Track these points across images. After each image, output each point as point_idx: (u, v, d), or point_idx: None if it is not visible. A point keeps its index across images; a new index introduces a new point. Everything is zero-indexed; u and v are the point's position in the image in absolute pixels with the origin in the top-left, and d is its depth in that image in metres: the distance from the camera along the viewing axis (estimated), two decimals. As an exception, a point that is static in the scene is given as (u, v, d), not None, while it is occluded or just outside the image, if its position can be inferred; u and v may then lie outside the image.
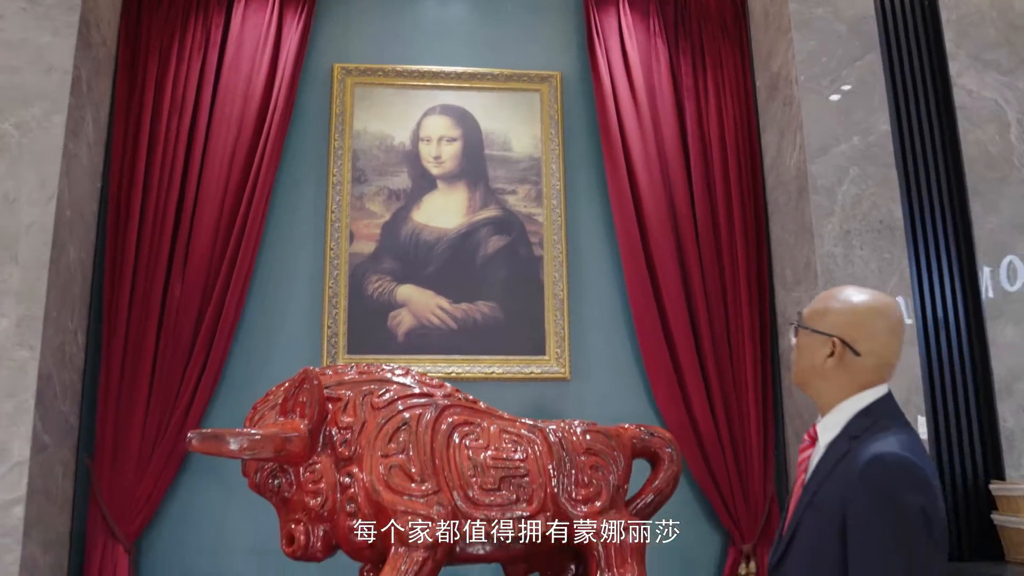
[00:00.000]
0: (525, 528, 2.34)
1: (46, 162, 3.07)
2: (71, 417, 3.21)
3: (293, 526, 2.40)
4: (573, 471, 2.43)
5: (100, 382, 3.28)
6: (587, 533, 2.36)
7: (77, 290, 3.26)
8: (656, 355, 3.56)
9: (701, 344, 3.56)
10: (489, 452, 2.38)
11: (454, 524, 2.28)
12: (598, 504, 2.40)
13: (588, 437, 2.49)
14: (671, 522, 3.23)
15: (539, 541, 2.39)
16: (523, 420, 2.54)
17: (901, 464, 1.40)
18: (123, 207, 3.42)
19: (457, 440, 2.40)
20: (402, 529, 2.22)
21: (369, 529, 2.29)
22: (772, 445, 3.55)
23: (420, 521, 2.22)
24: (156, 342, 3.34)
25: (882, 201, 3.34)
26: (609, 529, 2.36)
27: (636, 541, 2.37)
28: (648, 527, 2.47)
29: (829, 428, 1.55)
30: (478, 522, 2.31)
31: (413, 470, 2.31)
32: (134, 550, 3.24)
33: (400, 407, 2.42)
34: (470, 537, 2.32)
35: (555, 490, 2.39)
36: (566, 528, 2.39)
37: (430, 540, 2.22)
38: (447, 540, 2.26)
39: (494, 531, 2.32)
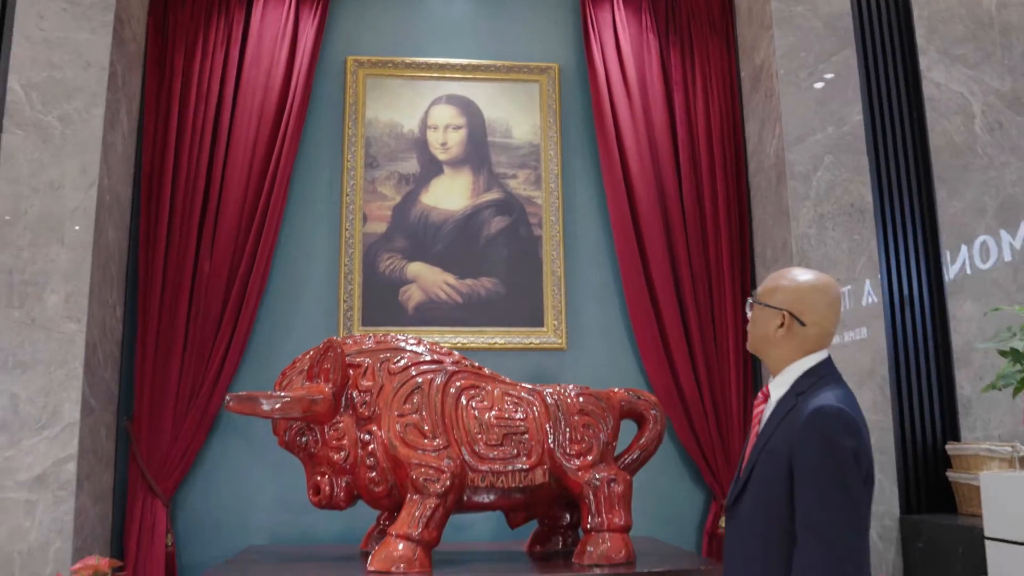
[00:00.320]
0: (525, 479, 2.67)
1: (87, 152, 3.35)
2: (112, 384, 3.52)
3: (319, 478, 2.73)
4: (567, 429, 2.74)
5: (137, 352, 3.60)
6: (580, 483, 2.68)
7: (115, 268, 3.56)
8: (645, 327, 3.86)
9: (687, 316, 3.87)
10: (493, 412, 2.70)
11: (462, 475, 2.60)
12: (589, 458, 2.72)
13: (581, 400, 2.81)
14: (657, 476, 3.58)
15: (537, 491, 2.71)
16: (523, 384, 2.86)
17: (838, 414, 1.71)
18: (155, 191, 3.71)
19: (464, 402, 2.72)
20: (417, 479, 2.54)
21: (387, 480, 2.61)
22: (751, 408, 3.86)
23: (432, 472, 2.55)
24: (187, 314, 3.64)
25: (853, 186, 3.62)
26: (599, 480, 2.68)
27: (622, 490, 2.69)
28: (633, 479, 2.79)
29: (779, 386, 1.86)
30: (483, 474, 2.63)
31: (426, 428, 2.63)
32: (170, 504, 3.58)
33: (413, 372, 2.74)
34: (476, 487, 2.64)
35: (551, 446, 2.71)
36: (561, 479, 2.71)
37: (441, 489, 2.54)
38: (456, 489, 2.59)
39: (497, 482, 2.64)
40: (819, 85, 3.71)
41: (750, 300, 1.95)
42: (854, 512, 1.65)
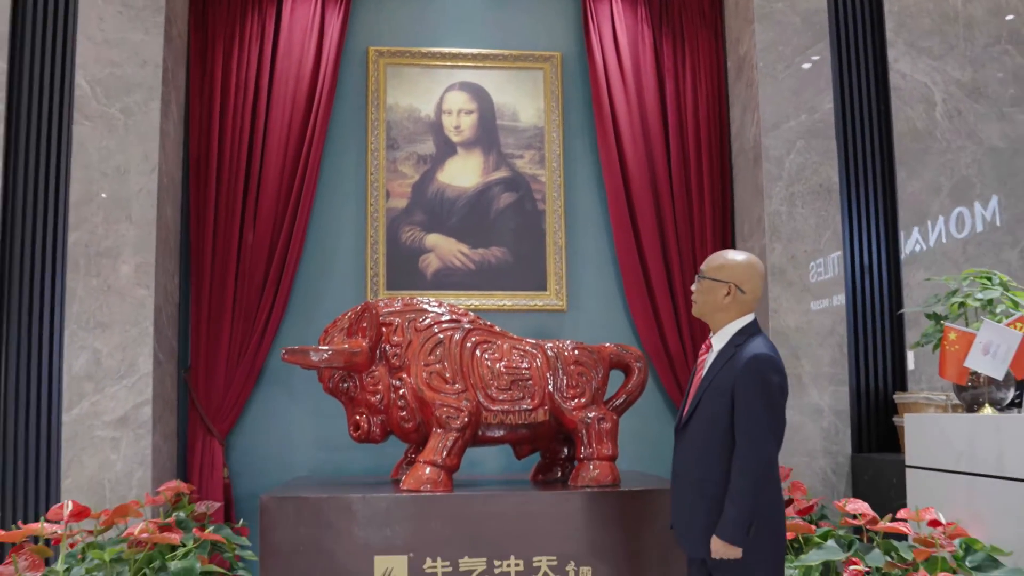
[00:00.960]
0: (529, 418, 3.21)
1: (147, 140, 3.84)
2: (173, 341, 4.07)
3: (358, 417, 3.26)
4: (564, 377, 3.27)
5: (192, 313, 4.13)
6: (575, 421, 3.22)
7: (172, 241, 4.08)
8: (636, 291, 4.37)
9: (673, 282, 4.36)
10: (502, 363, 3.23)
11: (477, 413, 3.14)
12: (583, 400, 3.25)
13: (576, 352, 3.33)
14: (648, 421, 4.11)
15: (539, 428, 3.25)
16: (528, 340, 3.37)
17: (768, 359, 2.31)
18: (203, 172, 4.21)
19: (479, 354, 3.24)
20: (440, 416, 3.08)
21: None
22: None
23: (453, 411, 3.08)
24: (235, 280, 4.16)
25: (822, 168, 4.09)
26: (590, 418, 3.21)
27: (609, 427, 3.23)
28: (619, 418, 3.33)
29: (720, 340, 2.43)
30: (495, 413, 3.17)
31: (447, 375, 3.16)
32: (225, 443, 4.15)
33: (436, 330, 3.26)
34: (489, 424, 3.18)
35: (551, 390, 3.24)
36: (559, 418, 3.24)
37: (461, 424, 3.08)
38: (473, 425, 3.12)
39: (506, 419, 3.18)
40: (794, 76, 4.15)
41: (699, 276, 2.47)
42: (776, 425, 2.31)
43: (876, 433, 3.97)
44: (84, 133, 3.81)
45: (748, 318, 2.43)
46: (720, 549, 2.30)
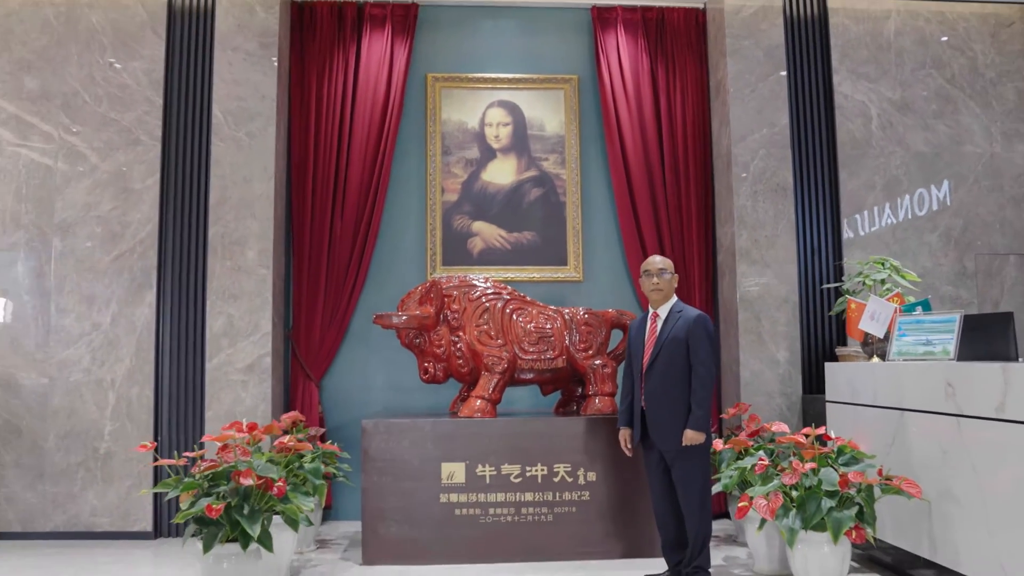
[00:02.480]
0: (551, 364, 4.47)
1: (265, 156, 5.10)
2: (281, 307, 5.38)
3: (426, 364, 4.54)
4: (577, 334, 4.52)
5: (294, 286, 5.43)
6: (585, 367, 4.47)
7: (282, 232, 5.36)
8: (637, 265, 5.57)
9: (666, 260, 5.56)
10: (532, 324, 4.49)
11: (514, 361, 4.41)
12: (591, 352, 4.50)
13: (586, 316, 4.57)
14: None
15: (559, 372, 4.52)
16: (551, 307, 4.62)
17: (706, 317, 3.62)
18: (302, 176, 5.46)
19: (515, 318, 4.50)
20: (487, 363, 4.35)
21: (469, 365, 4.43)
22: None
23: (497, 359, 4.36)
24: (327, 260, 5.44)
25: (779, 171, 5.23)
26: (596, 364, 4.47)
27: (610, 371, 4.48)
28: (617, 365, 4.58)
29: (664, 311, 3.72)
30: (527, 360, 4.44)
31: (492, 334, 4.42)
32: (320, 386, 5.48)
33: (483, 300, 4.51)
34: (522, 369, 4.45)
35: (567, 345, 4.50)
36: (573, 364, 4.51)
37: (502, 369, 4.35)
38: (510, 370, 4.40)
39: (535, 365, 4.45)
40: (757, 98, 5.27)
41: (663, 273, 3.69)
42: (716, 358, 3.71)
43: (820, 378, 5.17)
44: (219, 151, 5.09)
45: (676, 296, 3.76)
46: (692, 436, 3.57)
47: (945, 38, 5.46)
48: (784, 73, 5.29)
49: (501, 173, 5.73)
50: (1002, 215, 5.38)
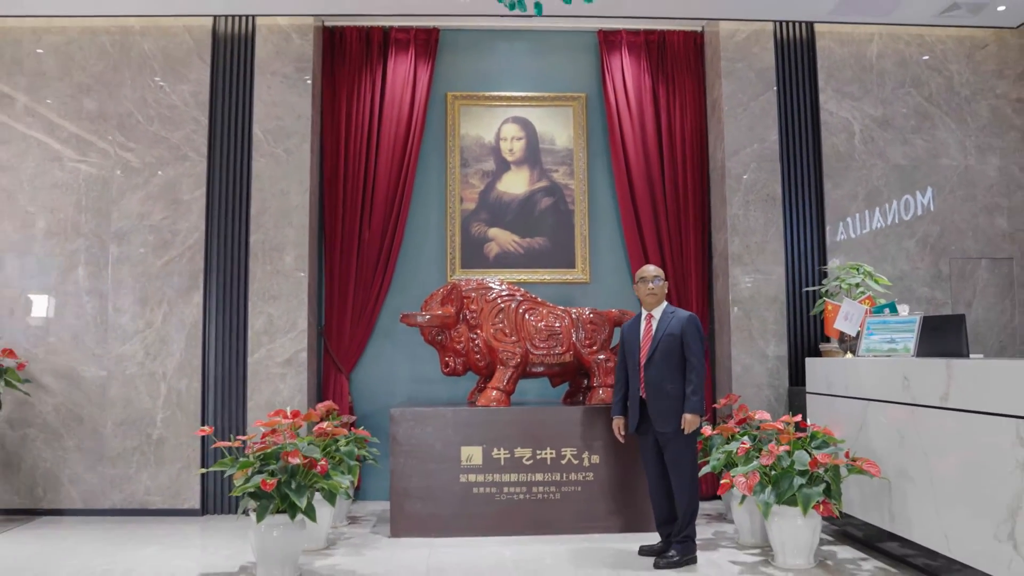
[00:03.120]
0: (560, 359, 4.98)
1: (301, 170, 5.64)
2: (315, 307, 5.92)
3: (447, 359, 5.07)
4: (583, 332, 5.03)
5: (326, 287, 5.97)
6: (590, 361, 4.99)
7: (315, 239, 5.90)
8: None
9: (665, 264, 6.05)
10: (543, 323, 5.00)
11: (526, 356, 4.93)
12: (595, 348, 5.01)
13: (591, 315, 5.08)
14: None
15: (567, 366, 5.03)
16: (559, 306, 5.13)
17: (696, 317, 4.11)
18: (333, 188, 5.99)
19: (527, 317, 5.02)
20: (503, 358, 4.87)
21: (486, 359, 4.95)
22: (705, 327, 6.08)
23: (511, 354, 4.88)
24: (356, 263, 5.98)
25: (769, 183, 5.71)
26: (600, 359, 4.98)
27: (612, 365, 4.99)
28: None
29: (658, 312, 4.21)
30: (538, 356, 4.95)
31: (507, 332, 4.94)
32: (349, 378, 6.01)
33: (499, 301, 5.03)
34: (533, 363, 4.97)
35: (575, 341, 5.01)
36: (580, 359, 5.02)
37: (515, 363, 4.87)
38: (523, 364, 4.92)
39: (545, 360, 4.97)
40: (749, 116, 5.75)
41: (657, 280, 4.19)
42: (703, 352, 4.06)
43: (805, 372, 5.65)
44: (260, 166, 5.63)
45: (667, 300, 4.29)
46: (691, 420, 4.07)
47: (925, 58, 5.91)
48: (774, 92, 5.76)
49: (515, 183, 6.24)
50: (975, 222, 5.84)
